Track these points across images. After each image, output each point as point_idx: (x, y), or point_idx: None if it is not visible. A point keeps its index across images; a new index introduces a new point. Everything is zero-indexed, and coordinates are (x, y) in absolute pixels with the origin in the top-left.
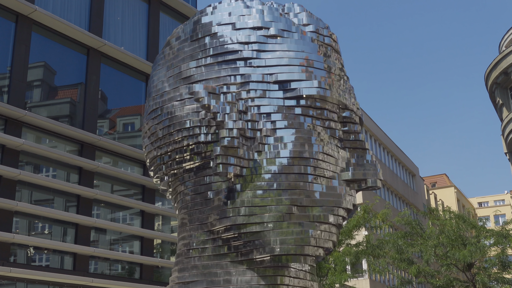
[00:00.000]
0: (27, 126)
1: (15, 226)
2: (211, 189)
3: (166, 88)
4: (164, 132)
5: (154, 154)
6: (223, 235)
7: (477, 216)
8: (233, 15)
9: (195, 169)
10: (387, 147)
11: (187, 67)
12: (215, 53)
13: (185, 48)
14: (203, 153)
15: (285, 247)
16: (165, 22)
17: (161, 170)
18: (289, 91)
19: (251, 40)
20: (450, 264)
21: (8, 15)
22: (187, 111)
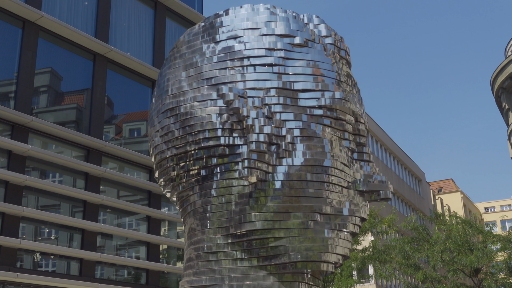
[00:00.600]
0: (33, 131)
1: (22, 232)
2: (231, 192)
3: (185, 88)
4: (182, 132)
5: (168, 154)
6: (244, 239)
7: (484, 221)
8: (259, 21)
9: (212, 172)
10: (393, 152)
11: (210, 68)
12: (239, 56)
13: (206, 49)
14: (222, 156)
15: (307, 253)
16: (171, 28)
17: (173, 171)
18: (312, 100)
19: (278, 47)
20: (457, 270)
21: (15, 22)
22: (209, 112)
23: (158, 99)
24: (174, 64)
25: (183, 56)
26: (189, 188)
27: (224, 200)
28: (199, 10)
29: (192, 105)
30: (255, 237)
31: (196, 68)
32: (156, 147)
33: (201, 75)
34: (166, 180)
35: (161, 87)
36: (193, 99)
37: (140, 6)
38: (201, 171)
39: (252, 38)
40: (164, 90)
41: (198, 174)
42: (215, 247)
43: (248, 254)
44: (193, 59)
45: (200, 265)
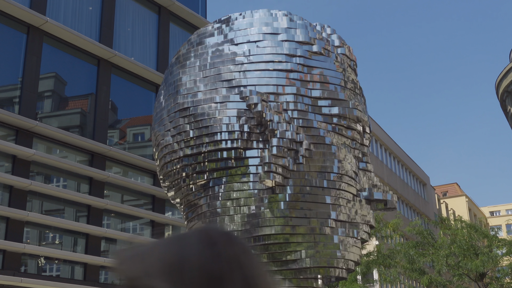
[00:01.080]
0: (38, 136)
1: (26, 236)
2: (246, 196)
3: (201, 88)
4: (198, 133)
5: (180, 154)
6: (260, 242)
7: (489, 225)
8: (279, 26)
9: (226, 174)
10: (398, 156)
11: (229, 70)
12: (259, 60)
13: (224, 51)
14: (238, 159)
15: (323, 259)
16: (175, 32)
17: (183, 172)
18: (326, 108)
19: (297, 54)
20: (462, 274)
21: (19, 27)
22: (227, 114)
23: (169, 98)
24: (188, 63)
25: (198, 56)
26: (199, 190)
27: (239, 203)
28: (203, 15)
29: (209, 106)
30: (272, 241)
31: (213, 69)
32: (166, 146)
33: (219, 76)
34: (173, 181)
35: (172, 86)
36: (210, 100)
37: (144, 11)
38: (214, 173)
39: (272, 43)
40: (177, 90)
41: (211, 176)
42: None
43: (264, 258)
44: (210, 59)
45: None
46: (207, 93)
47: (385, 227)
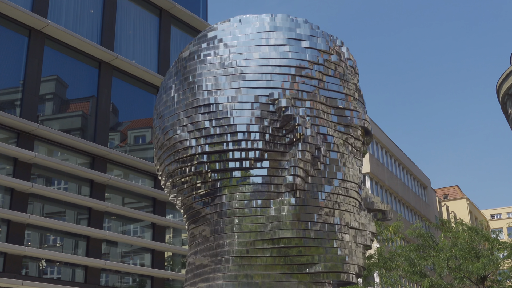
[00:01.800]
0: (39, 139)
1: (27, 239)
2: (264, 198)
3: (224, 86)
4: (220, 131)
5: (198, 150)
6: (279, 246)
7: (490, 228)
8: (302, 33)
9: (243, 175)
10: (399, 159)
11: (253, 70)
12: (284, 64)
13: (247, 51)
14: (259, 160)
15: (335, 264)
16: (176, 35)
17: (195, 170)
18: (341, 118)
19: (319, 62)
20: (463, 277)
21: (21, 30)
22: (251, 115)
23: (186, 92)
24: (209, 59)
25: (219, 53)
26: (213, 189)
27: (257, 204)
28: (203, 17)
29: (232, 104)
30: (291, 245)
31: (236, 68)
32: (181, 142)
33: (243, 76)
34: (181, 178)
35: (189, 80)
36: (233, 99)
37: (145, 14)
38: (232, 173)
39: (296, 49)
40: (197, 85)
41: (228, 176)
42: (247, 252)
43: (281, 261)
44: (232, 57)
45: (231, 269)
46: (230, 92)
47: (386, 229)
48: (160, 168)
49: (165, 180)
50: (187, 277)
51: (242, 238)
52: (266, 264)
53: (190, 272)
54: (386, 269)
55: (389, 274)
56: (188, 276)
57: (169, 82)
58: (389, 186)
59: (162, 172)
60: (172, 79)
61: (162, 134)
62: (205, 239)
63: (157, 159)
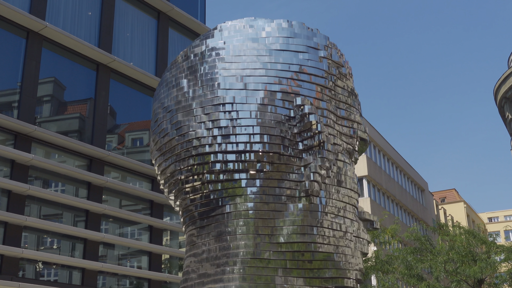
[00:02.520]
0: (36, 141)
1: (24, 241)
2: (281, 201)
3: (248, 87)
4: (241, 131)
5: (216, 149)
6: (294, 249)
7: (487, 231)
8: (319, 42)
9: (261, 177)
10: (396, 162)
11: (274, 74)
12: (304, 72)
13: (267, 56)
14: (277, 164)
15: (342, 269)
16: (174, 38)
17: (210, 168)
18: (346, 128)
19: (333, 73)
20: (460, 280)
21: (19, 32)
22: (273, 118)
23: (204, 88)
24: (228, 58)
25: (238, 59)
26: (227, 188)
27: (273, 207)
28: (201, 20)
29: (252, 106)
30: (305, 250)
31: (254, 70)
32: (198, 138)
33: (261, 78)
34: (192, 175)
35: (207, 76)
36: (253, 101)
37: (143, 17)
38: (249, 173)
39: (314, 57)
40: (217, 82)
41: (243, 176)
42: (259, 254)
43: (297, 265)
44: (250, 59)
45: (241, 272)
46: (252, 93)
47: (383, 232)
48: (163, 163)
49: (169, 176)
50: (189, 277)
51: (255, 240)
52: (282, 267)
53: (192, 273)
54: (383, 272)
55: (386, 277)
56: (190, 276)
57: (179, 77)
58: (387, 189)
59: (165, 168)
60: (183, 74)
61: (174, 129)
62: (216, 240)
63: (161, 154)
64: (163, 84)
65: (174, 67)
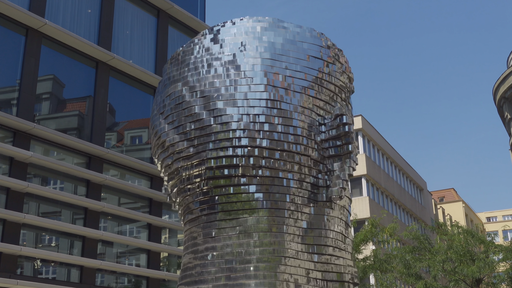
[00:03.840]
0: (35, 138)
1: (23, 239)
2: (306, 203)
3: (291, 87)
4: (282, 129)
5: (256, 143)
6: (314, 251)
7: (486, 231)
8: (331, 52)
9: (289, 177)
10: (395, 161)
11: (312, 78)
12: (332, 81)
13: (300, 57)
14: (307, 167)
15: (352, 275)
16: (174, 36)
17: (249, 158)
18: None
19: (349, 84)
20: (458, 280)
21: (18, 29)
22: (308, 122)
23: (241, 81)
24: (264, 55)
25: (281, 58)
26: (263, 181)
27: (298, 208)
28: (201, 18)
29: (295, 106)
30: (330, 253)
31: (295, 72)
32: (244, 130)
33: (302, 82)
34: (223, 168)
35: (246, 69)
36: (290, 101)
37: (143, 14)
38: (278, 173)
39: (339, 68)
40: (257, 76)
41: (273, 173)
42: (295, 254)
43: (321, 267)
44: (292, 60)
45: (287, 268)
46: (293, 94)
47: (382, 231)
48: (185, 150)
49: (174, 172)
50: (192, 272)
51: (287, 239)
52: (308, 269)
53: (192, 269)
54: (382, 271)
55: (384, 276)
56: (189, 273)
57: (208, 59)
58: (385, 188)
59: (184, 156)
60: (218, 62)
61: (211, 116)
62: (234, 237)
63: (187, 141)
64: (192, 61)
65: (197, 46)
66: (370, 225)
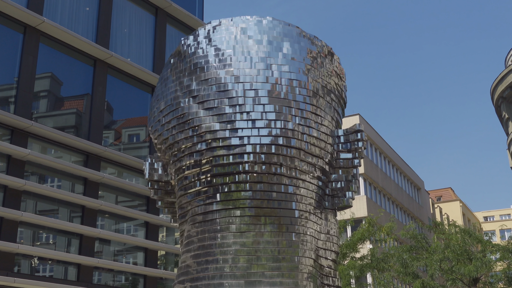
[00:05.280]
0: (33, 136)
1: (20, 237)
2: (317, 208)
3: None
4: (318, 133)
5: (288, 142)
6: (323, 255)
7: (483, 230)
8: (334, 64)
9: (300, 179)
10: (393, 160)
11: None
12: (340, 94)
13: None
14: (323, 172)
15: None
16: (172, 34)
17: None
18: None
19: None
20: (455, 279)
21: (16, 27)
22: (328, 133)
23: (273, 74)
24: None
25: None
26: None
27: (303, 214)
28: (199, 16)
29: (312, 118)
30: (335, 258)
31: (321, 74)
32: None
33: (308, 91)
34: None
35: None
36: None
37: (141, 12)
38: (294, 173)
39: (342, 82)
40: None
41: (291, 174)
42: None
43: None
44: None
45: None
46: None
47: (379, 230)
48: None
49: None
50: (184, 271)
51: (306, 238)
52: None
53: (189, 267)
54: (379, 270)
55: (381, 275)
56: (185, 271)
57: (249, 43)
58: (383, 188)
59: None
60: (255, 51)
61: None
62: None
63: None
64: (230, 38)
65: (229, 33)
66: (367, 224)
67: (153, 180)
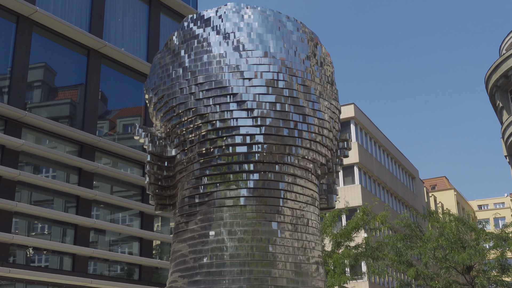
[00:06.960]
0: (27, 126)
1: (15, 227)
2: (314, 203)
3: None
4: (305, 120)
5: (293, 133)
6: None
7: (477, 219)
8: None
9: (302, 178)
10: (387, 149)
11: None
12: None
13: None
14: (325, 171)
15: None
16: (166, 23)
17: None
18: None
19: None
20: (449, 267)
21: (9, 16)
22: (329, 130)
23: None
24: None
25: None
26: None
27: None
28: (193, 6)
29: (321, 111)
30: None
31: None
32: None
33: (317, 93)
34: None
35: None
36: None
37: (135, 2)
38: (305, 174)
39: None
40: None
41: (303, 174)
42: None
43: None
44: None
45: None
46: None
47: (374, 219)
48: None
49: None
50: (180, 261)
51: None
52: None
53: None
54: (373, 259)
55: (376, 263)
56: (181, 260)
57: (238, 37)
58: (377, 176)
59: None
60: (272, 35)
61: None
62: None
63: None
64: (271, 29)
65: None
66: (361, 212)
67: (153, 154)
